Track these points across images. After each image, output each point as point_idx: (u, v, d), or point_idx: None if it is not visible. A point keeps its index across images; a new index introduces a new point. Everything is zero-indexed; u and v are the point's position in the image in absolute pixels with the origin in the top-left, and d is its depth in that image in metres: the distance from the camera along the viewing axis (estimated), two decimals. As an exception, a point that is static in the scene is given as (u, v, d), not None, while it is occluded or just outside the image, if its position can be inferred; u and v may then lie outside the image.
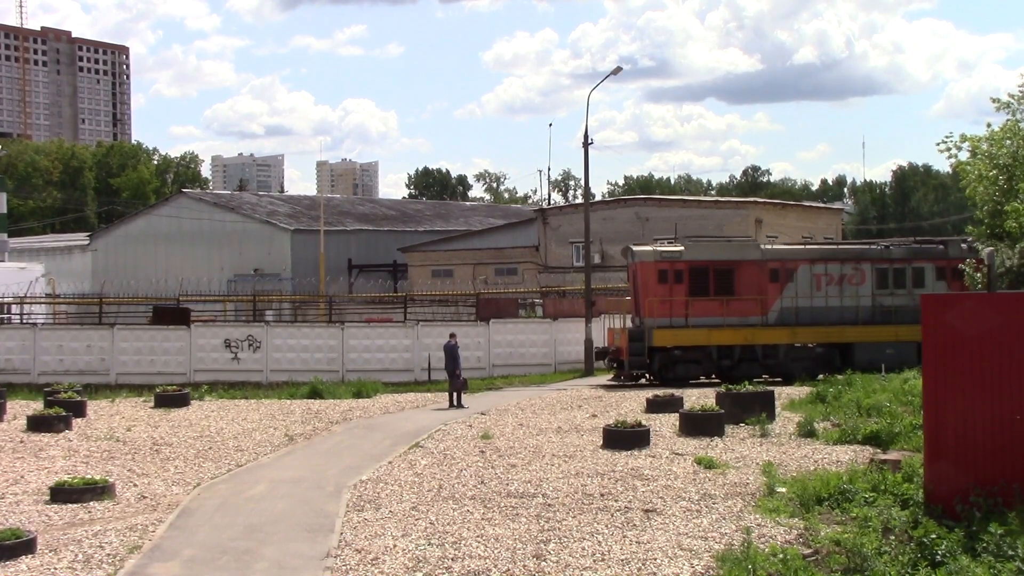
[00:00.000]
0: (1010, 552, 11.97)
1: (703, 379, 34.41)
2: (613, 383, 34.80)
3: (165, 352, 37.49)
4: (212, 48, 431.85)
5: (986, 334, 13.70)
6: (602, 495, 15.49)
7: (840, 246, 37.21)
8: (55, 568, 11.91)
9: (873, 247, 36.80)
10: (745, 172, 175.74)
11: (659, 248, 35.97)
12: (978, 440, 13.66)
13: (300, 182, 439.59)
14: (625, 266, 63.28)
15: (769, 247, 36.66)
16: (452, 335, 30.54)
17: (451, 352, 29.07)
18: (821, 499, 14.72)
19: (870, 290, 35.50)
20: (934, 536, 12.49)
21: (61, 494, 15.85)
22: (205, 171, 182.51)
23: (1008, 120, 34.24)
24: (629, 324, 35.86)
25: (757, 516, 14.03)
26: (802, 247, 37.08)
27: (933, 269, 35.82)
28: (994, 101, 35.08)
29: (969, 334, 13.78)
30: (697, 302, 34.65)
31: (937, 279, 35.66)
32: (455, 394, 28.50)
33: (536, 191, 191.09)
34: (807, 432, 20.91)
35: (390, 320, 41.77)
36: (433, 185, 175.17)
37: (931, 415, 14.11)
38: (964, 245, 36.07)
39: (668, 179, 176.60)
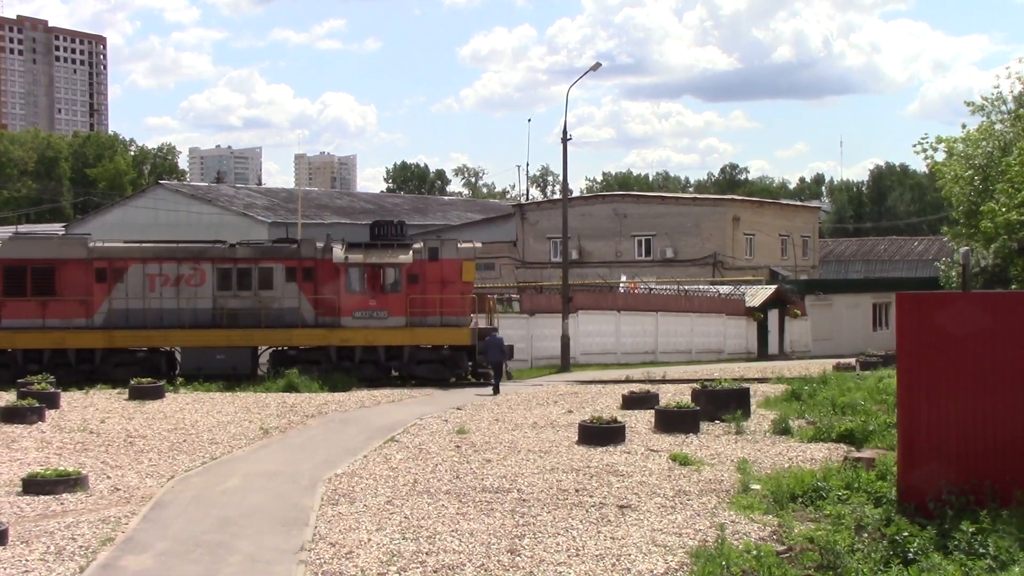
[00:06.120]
0: (981, 550, 12.06)
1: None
2: None
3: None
4: (190, 40, 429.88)
5: (961, 333, 13.78)
6: (577, 491, 15.50)
7: (179, 244, 35.28)
8: (27, 560, 11.82)
9: (217, 246, 34.80)
10: (723, 169, 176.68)
11: None
12: (951, 439, 13.75)
13: (278, 175, 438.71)
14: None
15: (98, 245, 34.26)
16: (495, 328, 32.05)
17: (498, 344, 31.35)
18: (795, 496, 14.78)
19: (211, 291, 33.52)
20: (906, 534, 12.57)
21: (33, 486, 15.72)
22: (182, 163, 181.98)
23: (983, 122, 34.62)
24: None
25: (731, 513, 14.06)
26: (135, 245, 35.09)
27: (283, 269, 33.82)
28: (968, 104, 35.50)
29: (943, 333, 13.85)
30: (11, 303, 32.63)
31: (288, 280, 33.79)
32: (496, 381, 31.08)
33: (514, 186, 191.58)
34: (782, 430, 20.99)
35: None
36: (411, 179, 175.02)
37: (905, 414, 14.20)
38: (319, 244, 34.64)
39: (646, 176, 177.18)
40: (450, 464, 17.84)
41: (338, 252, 34.00)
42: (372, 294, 33.77)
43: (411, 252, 34.29)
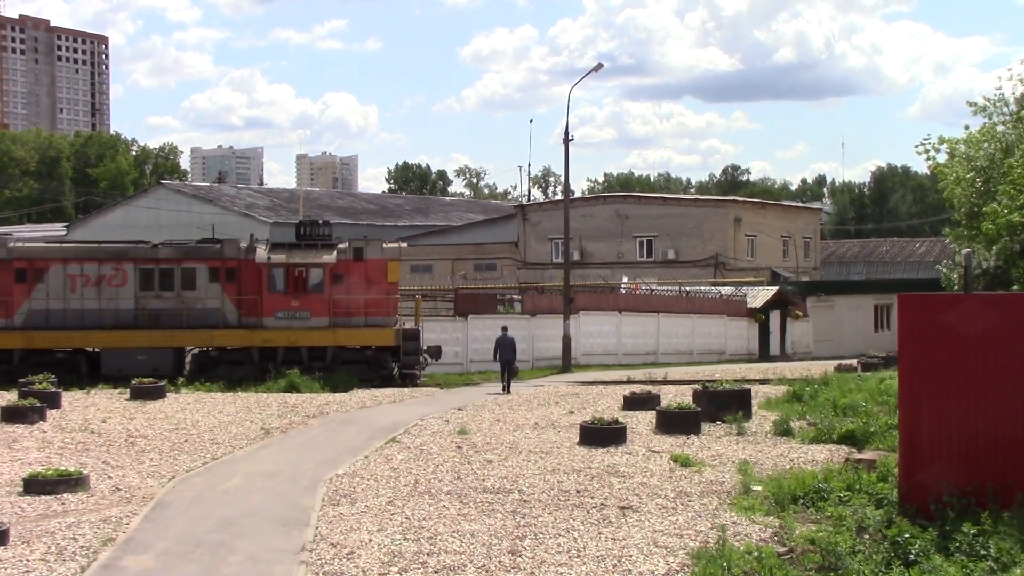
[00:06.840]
0: (982, 552, 12.05)
1: None
2: None
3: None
4: (191, 40, 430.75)
5: (963, 334, 13.76)
6: (578, 492, 15.49)
7: (101, 245, 35.37)
8: (28, 560, 11.82)
9: (140, 246, 34.68)
10: (724, 171, 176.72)
11: None
12: (953, 440, 13.73)
13: (279, 175, 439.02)
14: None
15: (18, 245, 34.63)
16: (504, 328, 33.56)
17: (510, 343, 32.86)
18: (796, 498, 14.76)
19: (133, 292, 33.50)
20: (908, 535, 12.55)
21: (34, 486, 15.73)
22: (184, 163, 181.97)
23: (986, 123, 34.51)
24: None
25: (732, 514, 14.05)
26: (56, 246, 35.06)
27: (206, 270, 33.71)
28: (971, 105, 35.37)
29: (945, 334, 13.84)
30: None
31: (211, 280, 33.67)
32: (507, 380, 32.34)
33: (516, 187, 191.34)
34: (783, 431, 20.96)
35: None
36: (413, 180, 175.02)
37: (906, 415, 14.18)
38: (243, 245, 34.50)
39: (648, 176, 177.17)
40: (451, 465, 17.83)
41: (261, 252, 33.94)
42: (295, 294, 33.62)
43: (335, 252, 34.15)
